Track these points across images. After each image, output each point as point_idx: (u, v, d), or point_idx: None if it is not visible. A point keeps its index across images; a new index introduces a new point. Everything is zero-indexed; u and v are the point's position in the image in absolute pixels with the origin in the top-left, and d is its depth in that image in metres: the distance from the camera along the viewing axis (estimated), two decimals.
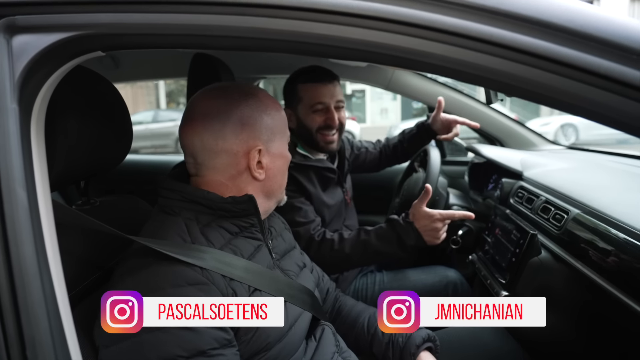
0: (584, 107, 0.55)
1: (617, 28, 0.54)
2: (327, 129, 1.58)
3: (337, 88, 1.60)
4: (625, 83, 0.52)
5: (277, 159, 0.98)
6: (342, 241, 1.48)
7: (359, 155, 1.99)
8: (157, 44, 0.63)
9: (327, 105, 1.57)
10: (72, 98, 0.86)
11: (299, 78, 1.61)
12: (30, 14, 0.61)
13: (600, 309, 1.13)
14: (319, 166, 1.61)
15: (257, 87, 1.01)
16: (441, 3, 0.54)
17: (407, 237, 1.40)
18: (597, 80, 0.53)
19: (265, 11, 0.57)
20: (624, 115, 0.54)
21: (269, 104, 0.96)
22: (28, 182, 0.58)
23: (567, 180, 1.48)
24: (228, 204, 0.90)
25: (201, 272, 0.78)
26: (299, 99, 1.60)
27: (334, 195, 1.68)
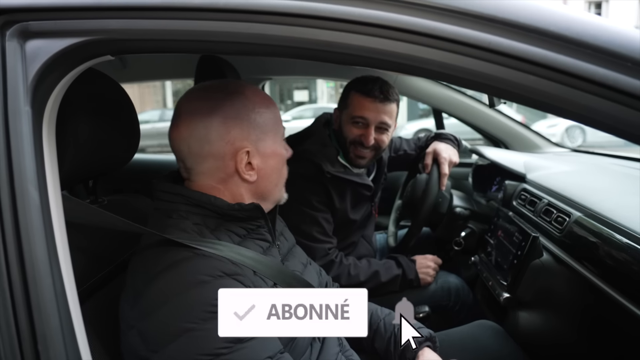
0: (579, 113, 0.56)
1: (612, 36, 0.55)
2: (360, 145, 1.54)
3: (387, 108, 1.52)
4: (620, 90, 0.54)
5: (270, 158, 0.94)
6: (357, 268, 1.56)
7: (395, 158, 1.95)
8: (164, 49, 0.65)
9: (367, 122, 1.52)
10: (82, 99, 0.88)
11: (355, 85, 1.56)
12: (43, 19, 0.63)
13: (601, 312, 1.14)
14: (357, 182, 1.58)
15: (244, 84, 0.95)
16: (440, 11, 0.56)
17: (409, 272, 1.61)
18: (593, 87, 0.54)
19: (269, 18, 0.58)
20: (618, 121, 0.55)
21: (256, 102, 0.92)
22: (40, 181, 0.60)
23: (569, 183, 1.49)
24: (235, 210, 0.89)
25: (233, 266, 0.79)
26: (346, 105, 1.56)
27: (361, 210, 1.67)
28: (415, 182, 1.81)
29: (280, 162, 0.98)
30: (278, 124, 0.96)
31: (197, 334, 0.72)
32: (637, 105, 0.53)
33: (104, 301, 0.89)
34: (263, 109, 0.92)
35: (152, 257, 0.81)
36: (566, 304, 1.28)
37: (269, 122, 0.93)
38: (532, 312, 1.39)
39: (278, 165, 0.97)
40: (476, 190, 2.07)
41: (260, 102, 0.92)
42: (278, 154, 0.96)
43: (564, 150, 2.18)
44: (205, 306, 0.73)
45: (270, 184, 0.96)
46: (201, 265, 0.77)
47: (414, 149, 1.99)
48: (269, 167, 0.94)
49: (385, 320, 1.17)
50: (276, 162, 0.96)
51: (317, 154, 1.54)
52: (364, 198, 1.66)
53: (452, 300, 1.67)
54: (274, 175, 0.96)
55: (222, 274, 0.77)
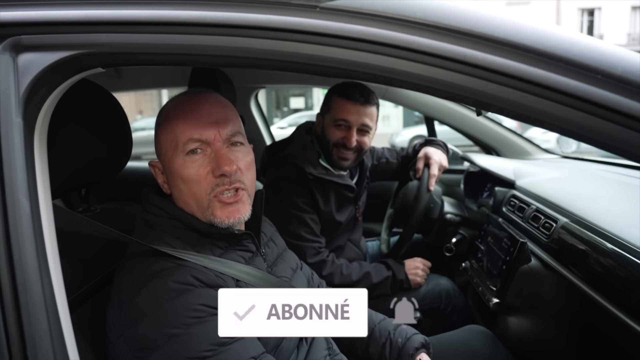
0: (554, 124, 0.59)
1: (583, 49, 0.57)
2: (343, 147, 1.59)
3: (367, 111, 1.58)
4: (592, 102, 0.56)
5: (168, 173, 0.91)
6: (349, 268, 1.59)
7: (378, 165, 1.99)
8: (154, 62, 0.67)
9: (349, 124, 1.57)
10: (75, 109, 0.90)
11: (336, 90, 1.62)
12: (35, 33, 0.65)
13: (588, 317, 1.15)
14: (339, 183, 1.62)
15: (185, 92, 0.95)
16: (418, 25, 0.58)
17: (399, 273, 1.64)
18: (566, 99, 0.56)
19: (254, 32, 0.60)
20: (591, 131, 0.57)
21: (162, 117, 0.92)
22: (31, 191, 0.62)
23: (557, 190, 1.51)
24: (212, 231, 0.90)
25: (215, 277, 0.82)
26: (329, 109, 1.62)
27: (346, 212, 1.71)
28: (406, 189, 1.83)
29: (176, 179, 0.89)
30: (173, 138, 0.88)
31: (183, 338, 0.74)
32: (608, 116, 0.56)
33: (96, 308, 0.90)
34: (163, 123, 0.91)
35: (137, 266, 0.83)
36: (554, 309, 1.29)
37: (164, 137, 0.91)
38: (521, 317, 1.41)
39: (175, 182, 0.90)
40: (467, 197, 2.09)
41: (164, 117, 0.92)
42: (173, 171, 0.89)
43: (553, 157, 2.20)
44: (190, 312, 0.75)
45: (177, 200, 0.92)
46: (184, 274, 0.79)
47: (396, 158, 2.03)
48: (170, 182, 0.92)
49: (380, 325, 1.19)
50: (173, 179, 0.90)
51: (298, 157, 1.59)
52: (347, 199, 1.69)
53: (443, 302, 1.68)
54: (174, 192, 0.92)
55: (203, 284, 0.79)
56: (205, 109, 0.90)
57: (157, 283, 0.78)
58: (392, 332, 1.15)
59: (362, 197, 1.84)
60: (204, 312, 0.76)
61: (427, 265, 1.73)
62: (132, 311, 0.77)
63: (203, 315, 0.76)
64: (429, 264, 1.73)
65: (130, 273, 0.83)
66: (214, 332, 0.73)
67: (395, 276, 1.63)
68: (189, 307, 0.75)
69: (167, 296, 0.76)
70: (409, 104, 2.22)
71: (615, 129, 0.54)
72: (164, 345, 0.73)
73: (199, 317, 0.75)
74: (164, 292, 0.76)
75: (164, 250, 0.80)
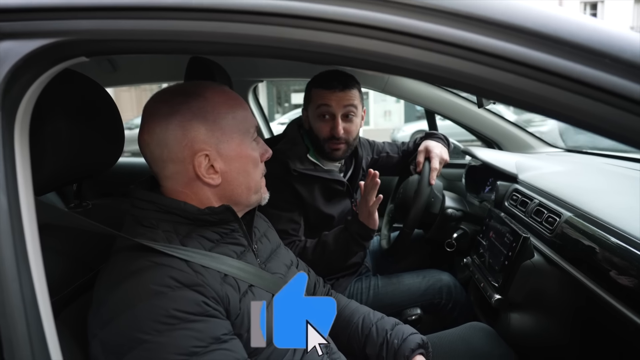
0: (559, 111, 0.55)
1: (590, 33, 0.54)
2: (333, 139, 1.56)
3: (347, 96, 1.53)
4: (599, 87, 0.53)
5: (234, 160, 0.91)
6: (305, 249, 1.53)
7: (378, 159, 1.96)
8: (138, 50, 0.64)
9: (332, 112, 1.54)
10: (61, 101, 0.87)
11: (313, 81, 1.59)
12: (13, 20, 0.62)
13: (592, 313, 1.12)
14: (326, 177, 1.59)
15: (209, 85, 0.92)
16: (414, 8, 0.55)
17: (351, 225, 1.50)
18: (571, 84, 0.53)
19: (243, 17, 0.57)
20: (598, 119, 0.54)
21: (216, 103, 0.89)
22: (9, 186, 0.59)
23: (560, 183, 1.48)
24: (206, 215, 0.88)
25: (195, 275, 0.79)
26: (309, 102, 1.60)
27: (339, 205, 1.67)
28: (407, 184, 1.80)
29: (249, 164, 0.94)
30: (245, 125, 0.93)
31: (152, 345, 0.71)
32: (617, 102, 0.52)
33: (87, 307, 0.88)
34: (224, 110, 0.90)
35: (117, 264, 0.80)
36: (557, 306, 1.26)
37: (232, 124, 0.91)
38: (523, 313, 1.38)
39: (245, 168, 0.94)
40: (469, 191, 2.06)
41: (221, 103, 0.90)
42: (245, 156, 0.93)
43: (557, 150, 2.17)
44: (160, 317, 0.72)
45: (238, 187, 0.94)
46: (161, 275, 0.76)
47: (397, 152, 2.00)
48: (234, 169, 0.92)
49: (377, 325, 1.16)
50: (242, 165, 0.93)
51: (286, 153, 1.57)
52: (338, 193, 1.65)
53: (444, 298, 1.66)
54: (240, 177, 0.93)
55: (180, 284, 0.76)
56: (244, 101, 0.97)
57: (132, 283, 0.75)
58: (390, 331, 1.13)
59: (359, 190, 1.81)
60: (176, 318, 0.73)
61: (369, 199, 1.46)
62: (106, 311, 0.74)
63: (175, 322, 0.73)
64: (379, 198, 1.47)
65: (110, 271, 0.80)
66: (185, 341, 0.71)
67: (346, 228, 1.51)
68: (162, 312, 0.72)
69: (140, 298, 0.73)
70: (408, 97, 2.18)
71: (625, 116, 0.51)
72: (133, 350, 0.70)
73: (171, 324, 0.72)
74: (138, 293, 0.74)
75: (150, 245, 0.77)
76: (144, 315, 0.72)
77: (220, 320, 0.79)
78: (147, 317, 0.72)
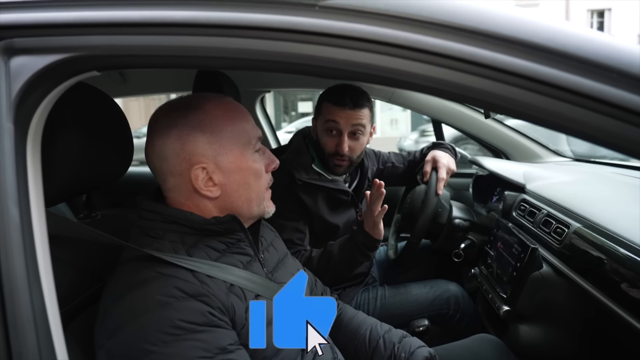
0: (567, 125, 0.55)
1: (597, 47, 0.54)
2: (337, 154, 1.57)
3: (357, 114, 1.53)
4: (607, 102, 0.53)
5: (234, 173, 0.91)
6: (310, 259, 1.52)
7: (384, 170, 1.96)
8: (148, 64, 0.65)
9: (340, 129, 1.54)
10: (73, 114, 0.88)
11: (326, 95, 1.59)
12: (27, 36, 0.63)
13: (602, 325, 1.11)
14: (330, 187, 1.59)
15: (209, 98, 0.92)
16: (421, 24, 0.55)
17: (356, 235, 1.49)
18: (579, 99, 0.53)
19: (251, 32, 0.58)
20: (606, 133, 0.54)
21: (214, 116, 0.89)
22: (21, 198, 0.60)
23: (569, 194, 1.47)
24: (212, 225, 0.88)
25: (201, 286, 0.79)
26: (319, 114, 1.61)
27: (344, 215, 1.67)
28: (414, 194, 1.80)
29: (249, 176, 0.93)
30: (245, 137, 0.92)
31: (156, 357, 0.71)
32: (626, 117, 0.52)
33: (95, 317, 0.88)
34: (222, 123, 0.89)
35: (123, 274, 0.81)
36: (567, 317, 1.25)
37: (231, 136, 0.90)
38: (532, 325, 1.37)
39: (246, 180, 0.93)
40: (477, 201, 2.05)
41: (219, 116, 0.89)
42: (244, 168, 0.92)
43: (565, 160, 2.16)
44: (168, 328, 0.72)
45: (238, 199, 0.93)
46: (166, 285, 0.76)
47: (403, 162, 2.00)
48: (234, 182, 0.91)
49: (384, 337, 1.16)
50: (242, 177, 0.92)
51: (291, 162, 1.58)
52: (343, 203, 1.65)
53: (452, 309, 1.64)
54: (240, 190, 0.93)
55: (186, 295, 0.76)
56: (247, 112, 0.97)
57: (137, 294, 0.75)
58: (397, 344, 1.12)
59: (365, 201, 1.81)
60: (182, 328, 0.73)
61: (379, 210, 1.44)
62: (112, 321, 0.75)
63: (181, 333, 0.73)
64: (379, 209, 1.44)
65: (116, 281, 0.81)
66: (192, 352, 0.71)
67: (353, 239, 1.49)
68: (168, 323, 0.73)
69: (146, 308, 0.73)
70: (415, 107, 2.19)
71: (633, 131, 0.51)
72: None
73: (177, 335, 0.72)
74: (144, 304, 0.74)
75: (158, 255, 0.78)
76: (149, 326, 0.72)
77: (226, 330, 0.79)
78: (153, 328, 0.72)
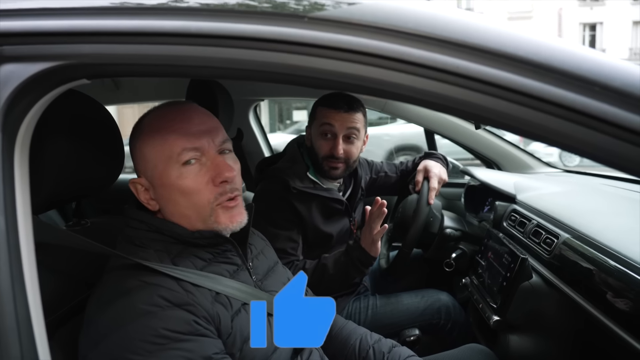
0: (552, 138, 0.56)
1: (579, 61, 0.55)
2: (332, 157, 1.57)
3: (352, 118, 1.55)
4: (589, 115, 0.53)
5: (160, 188, 0.88)
6: (304, 271, 1.47)
7: (376, 179, 1.97)
8: (138, 73, 0.65)
9: (334, 132, 1.55)
10: (62, 121, 0.88)
11: (321, 101, 1.61)
12: (17, 44, 0.63)
13: (590, 336, 1.12)
14: (325, 196, 1.59)
15: (154, 110, 0.92)
16: (408, 36, 0.56)
17: (353, 251, 1.48)
18: (563, 111, 0.54)
19: (240, 43, 0.58)
20: (590, 146, 0.55)
21: (144, 131, 0.89)
22: (7, 207, 0.59)
23: (558, 204, 1.48)
24: (196, 238, 0.88)
25: (186, 295, 0.79)
26: (314, 120, 1.62)
27: (337, 224, 1.67)
28: (405, 203, 1.80)
29: (173, 192, 0.87)
30: (168, 152, 0.86)
31: None
32: (607, 129, 0.53)
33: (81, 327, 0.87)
34: (147, 137, 0.88)
35: (108, 283, 0.81)
36: (556, 328, 1.25)
37: (153, 151, 0.87)
38: (522, 335, 1.37)
39: (170, 196, 0.88)
40: (468, 211, 2.06)
41: (148, 130, 0.88)
42: (167, 185, 0.87)
43: (555, 171, 2.18)
44: (150, 337, 0.72)
45: (173, 215, 0.89)
46: (149, 295, 0.76)
47: (395, 172, 2.01)
48: (163, 198, 0.89)
49: (374, 347, 1.15)
50: (166, 193, 0.88)
51: (286, 171, 1.58)
52: (336, 212, 1.65)
53: (442, 318, 1.64)
54: (170, 206, 0.89)
55: (170, 304, 0.76)
56: (194, 119, 0.90)
57: (122, 303, 0.75)
58: (387, 354, 1.12)
59: (358, 209, 1.81)
60: (167, 337, 0.73)
61: (375, 229, 1.43)
62: (96, 331, 0.74)
63: (165, 342, 0.72)
64: (384, 228, 1.45)
65: (101, 290, 0.80)
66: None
67: (347, 252, 1.49)
68: (152, 332, 0.72)
69: (130, 318, 0.73)
70: (408, 117, 2.20)
71: (614, 143, 0.52)
72: None
73: (161, 344, 0.72)
74: (128, 313, 0.73)
75: (144, 264, 0.77)
76: (134, 336, 0.72)
77: (211, 339, 0.79)
78: (137, 337, 0.72)
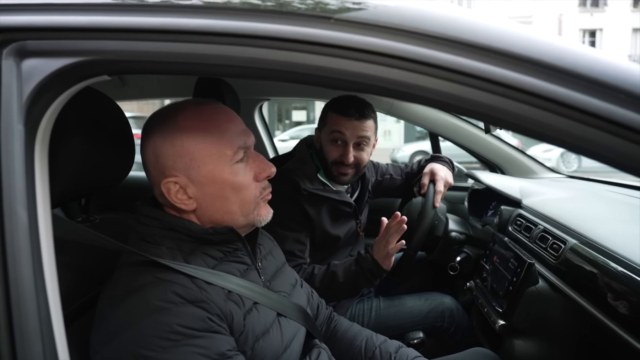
0: (574, 143, 0.56)
1: (605, 68, 0.55)
2: (341, 164, 1.56)
3: (363, 125, 1.54)
4: (615, 122, 0.54)
5: (207, 185, 0.87)
6: (313, 276, 1.49)
7: (382, 181, 1.97)
8: (160, 70, 0.65)
9: (345, 139, 1.54)
10: (78, 118, 0.88)
11: (331, 105, 1.60)
12: (40, 39, 0.63)
13: (597, 341, 1.12)
14: (334, 199, 1.59)
15: (183, 107, 0.90)
16: (434, 39, 0.56)
17: (364, 262, 1.46)
18: (587, 118, 0.54)
19: (265, 42, 0.59)
20: (614, 152, 0.55)
21: (185, 128, 0.86)
22: (29, 202, 0.59)
23: (565, 210, 1.48)
24: (209, 235, 0.88)
25: (199, 292, 0.78)
26: (324, 124, 1.60)
27: (344, 226, 1.67)
28: (410, 206, 1.80)
29: (225, 189, 0.88)
30: (219, 148, 0.87)
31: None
32: (632, 137, 0.54)
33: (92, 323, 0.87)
34: (193, 135, 0.86)
35: (120, 279, 0.80)
36: (562, 333, 1.26)
37: (202, 148, 0.86)
38: (528, 340, 1.37)
39: (222, 193, 0.88)
40: (472, 215, 2.07)
41: (191, 128, 0.86)
42: (219, 182, 0.88)
43: (559, 176, 2.18)
44: (164, 333, 0.72)
45: (217, 212, 0.90)
46: (164, 290, 0.75)
47: (400, 174, 2.01)
48: (208, 195, 0.88)
49: (381, 347, 1.15)
50: (217, 190, 0.88)
51: (296, 172, 1.57)
52: (344, 214, 1.65)
53: (446, 322, 1.64)
54: (217, 203, 0.89)
55: (184, 300, 0.76)
56: (236, 118, 0.93)
57: (135, 299, 0.75)
58: (394, 354, 1.12)
59: (364, 212, 1.81)
60: (181, 334, 0.73)
61: (395, 245, 1.43)
62: (108, 328, 0.74)
63: (179, 339, 0.72)
64: (401, 244, 1.44)
65: (113, 286, 0.80)
66: (190, 357, 0.71)
67: (358, 262, 1.48)
68: (166, 329, 0.72)
69: (144, 314, 0.73)
70: (413, 120, 2.20)
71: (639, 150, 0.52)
72: None
73: (175, 340, 0.72)
74: (142, 309, 0.73)
75: (157, 260, 0.77)
76: (147, 332, 0.72)
77: (225, 336, 0.79)
78: (151, 334, 0.71)
